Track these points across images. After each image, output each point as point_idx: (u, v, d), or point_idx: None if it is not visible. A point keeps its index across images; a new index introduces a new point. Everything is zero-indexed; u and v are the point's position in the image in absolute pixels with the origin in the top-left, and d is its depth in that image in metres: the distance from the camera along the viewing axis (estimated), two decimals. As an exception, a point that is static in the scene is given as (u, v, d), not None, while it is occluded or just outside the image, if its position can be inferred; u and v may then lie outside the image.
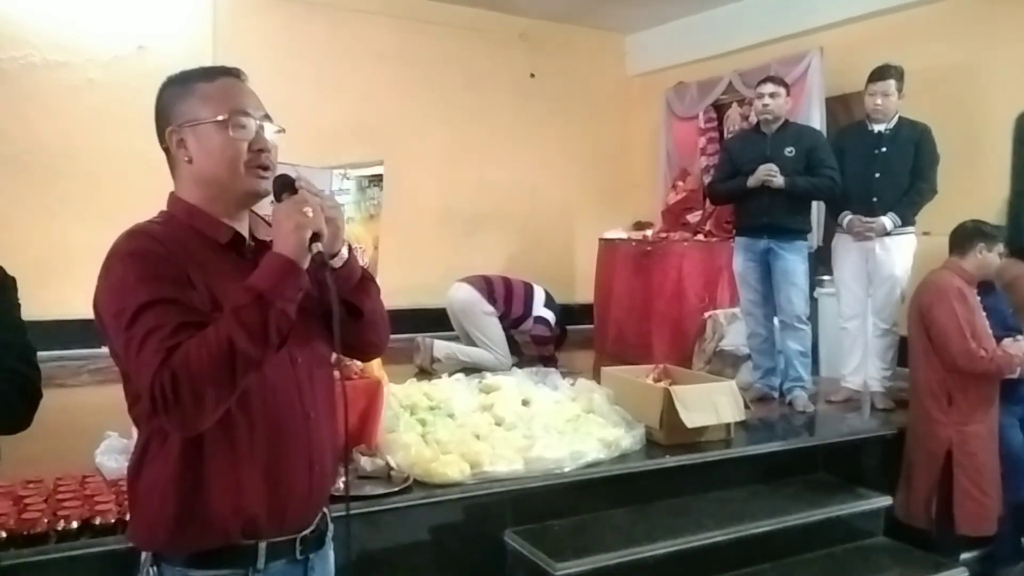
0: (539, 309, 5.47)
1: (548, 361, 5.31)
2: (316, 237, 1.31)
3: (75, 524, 2.31)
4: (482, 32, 7.12)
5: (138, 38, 5.90)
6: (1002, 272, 3.66)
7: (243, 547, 1.37)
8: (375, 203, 3.81)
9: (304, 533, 1.45)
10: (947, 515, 3.55)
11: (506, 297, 5.36)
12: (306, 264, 1.31)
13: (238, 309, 1.25)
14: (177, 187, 1.46)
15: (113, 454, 2.86)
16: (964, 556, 3.59)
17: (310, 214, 1.31)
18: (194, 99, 1.41)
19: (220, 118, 1.38)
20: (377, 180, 3.84)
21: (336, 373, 1.52)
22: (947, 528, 3.56)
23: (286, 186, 1.37)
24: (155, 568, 1.39)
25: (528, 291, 5.50)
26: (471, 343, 5.24)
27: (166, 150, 1.45)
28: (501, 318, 5.32)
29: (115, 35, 5.85)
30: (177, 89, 1.44)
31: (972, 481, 3.52)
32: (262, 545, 1.38)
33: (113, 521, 2.33)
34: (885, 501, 3.51)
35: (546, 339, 5.47)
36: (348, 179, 3.75)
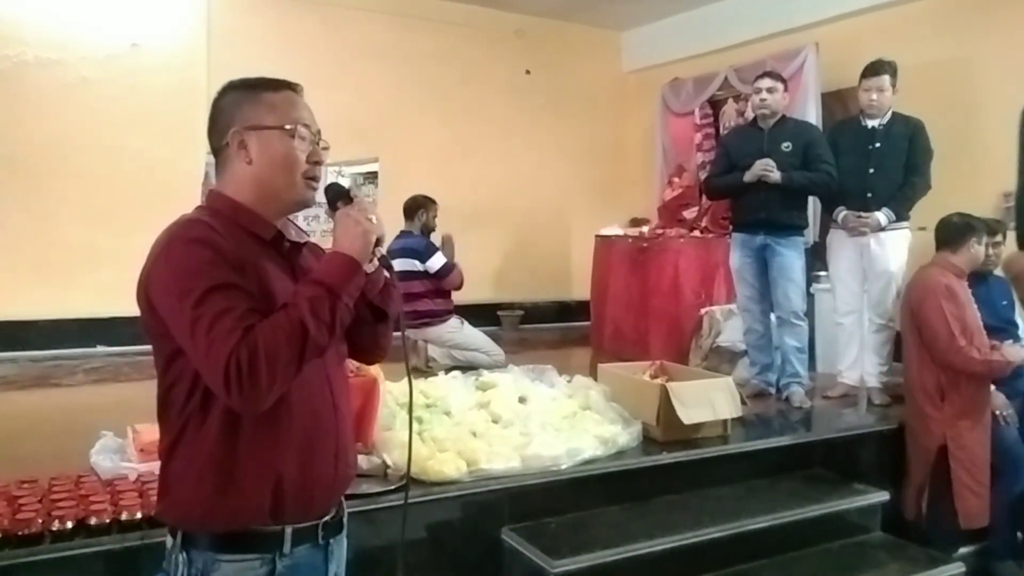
0: (431, 264, 5.14)
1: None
2: (379, 242, 1.45)
3: (70, 524, 2.29)
4: (477, 29, 7.12)
5: (132, 36, 5.89)
6: (1010, 264, 3.68)
7: (270, 532, 1.43)
8: (371, 200, 3.80)
9: (326, 519, 1.52)
10: (940, 509, 3.57)
11: (429, 299, 5.17)
12: (369, 267, 1.46)
13: (312, 299, 1.35)
14: (224, 184, 1.52)
15: (108, 454, 2.84)
16: (961, 551, 3.60)
17: (375, 220, 1.45)
18: (261, 106, 1.49)
19: (287, 127, 1.48)
20: (372, 177, 3.84)
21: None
22: (939, 522, 3.58)
23: (341, 195, 1.52)
24: (184, 555, 1.42)
25: (414, 274, 5.10)
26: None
27: (222, 148, 1.50)
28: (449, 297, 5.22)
29: (109, 33, 5.83)
30: (243, 93, 1.51)
31: (970, 475, 3.53)
32: (288, 530, 1.44)
33: (108, 521, 2.32)
34: (882, 497, 3.51)
35: (459, 284, 5.25)
36: (343, 176, 3.74)
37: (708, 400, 3.49)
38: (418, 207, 5.31)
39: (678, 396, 3.41)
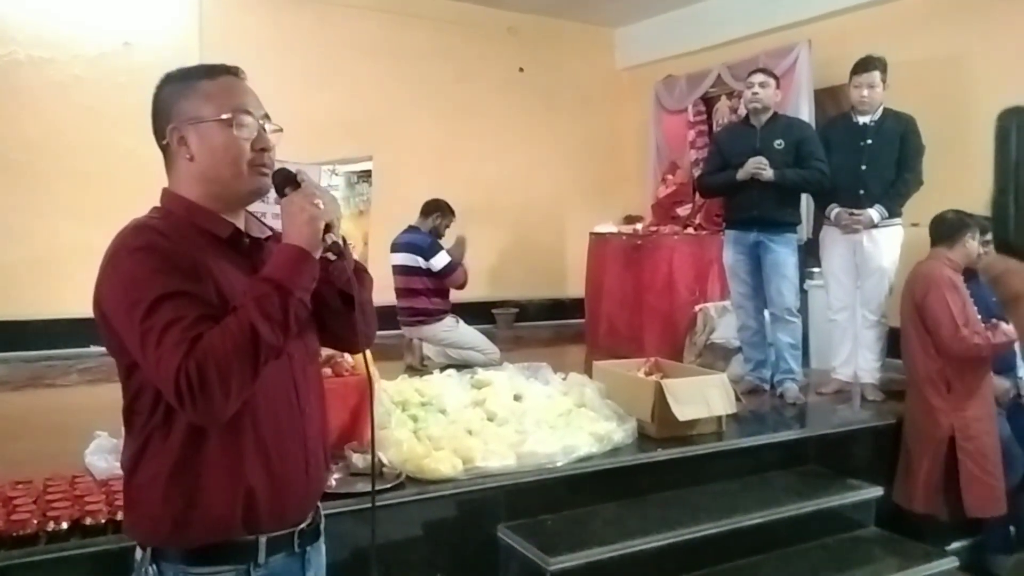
0: (434, 263, 5.12)
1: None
2: (328, 228, 1.35)
3: (65, 525, 2.29)
4: (470, 27, 7.11)
5: (124, 34, 5.86)
6: (989, 267, 3.71)
7: (244, 542, 1.38)
8: (364, 199, 3.79)
9: (302, 526, 1.47)
10: (951, 500, 3.58)
11: (427, 297, 5.16)
12: (319, 254, 1.35)
13: (259, 298, 1.28)
14: (173, 183, 1.46)
15: (103, 454, 2.84)
16: (954, 545, 3.62)
17: (322, 206, 1.35)
18: (196, 97, 1.41)
19: (224, 116, 1.39)
20: (366, 176, 3.82)
21: (327, 370, 1.55)
22: (951, 513, 3.60)
23: (288, 180, 1.40)
24: (154, 567, 1.38)
25: (414, 271, 5.14)
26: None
27: (164, 146, 1.44)
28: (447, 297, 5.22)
29: (101, 31, 5.81)
30: (178, 86, 1.44)
31: (977, 464, 3.55)
32: (263, 540, 1.39)
33: (103, 521, 2.32)
34: (876, 492, 3.53)
35: (461, 284, 5.24)
36: (337, 175, 3.73)
37: (703, 397, 3.51)
38: (436, 210, 5.34)
39: (673, 393, 3.42)
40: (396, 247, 5.20)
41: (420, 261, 5.12)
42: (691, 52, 6.94)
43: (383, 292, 1.91)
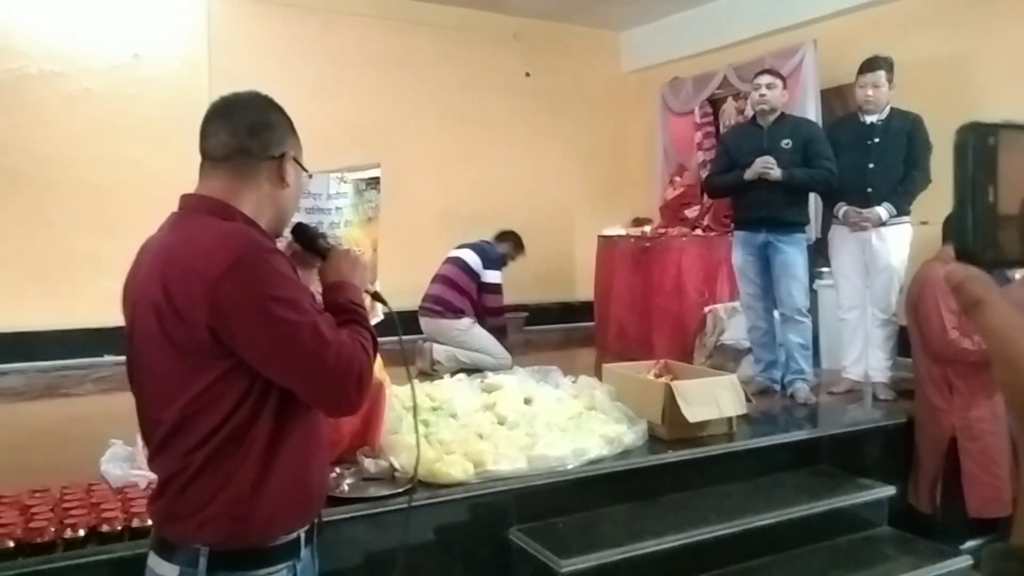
0: (487, 275, 5.34)
1: (500, 332, 5.32)
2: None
3: (82, 532, 2.32)
4: (476, 32, 7.13)
5: (133, 46, 5.91)
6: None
7: (293, 539, 1.47)
8: (372, 206, 3.81)
9: (318, 520, 1.59)
10: (953, 501, 3.57)
11: (460, 294, 5.27)
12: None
13: (363, 313, 1.55)
14: (243, 201, 1.46)
15: (118, 462, 2.86)
16: (968, 544, 3.60)
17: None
18: (296, 140, 1.58)
19: (307, 169, 1.62)
20: (374, 183, 3.84)
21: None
22: (953, 514, 3.58)
23: (319, 234, 1.71)
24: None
25: (466, 268, 5.32)
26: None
27: (263, 158, 1.48)
28: (475, 310, 5.31)
29: (110, 44, 5.86)
30: (288, 121, 1.57)
31: (979, 465, 3.54)
32: (302, 534, 1.49)
33: (120, 528, 2.34)
34: (888, 491, 3.52)
35: (496, 309, 5.40)
36: (345, 183, 3.75)
37: (713, 398, 3.51)
38: (511, 240, 5.67)
39: (683, 395, 3.42)
40: (466, 245, 5.45)
41: (479, 265, 5.33)
42: (697, 54, 6.94)
43: (402, 297, 1.96)
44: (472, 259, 5.34)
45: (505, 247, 5.59)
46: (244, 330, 1.33)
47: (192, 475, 1.38)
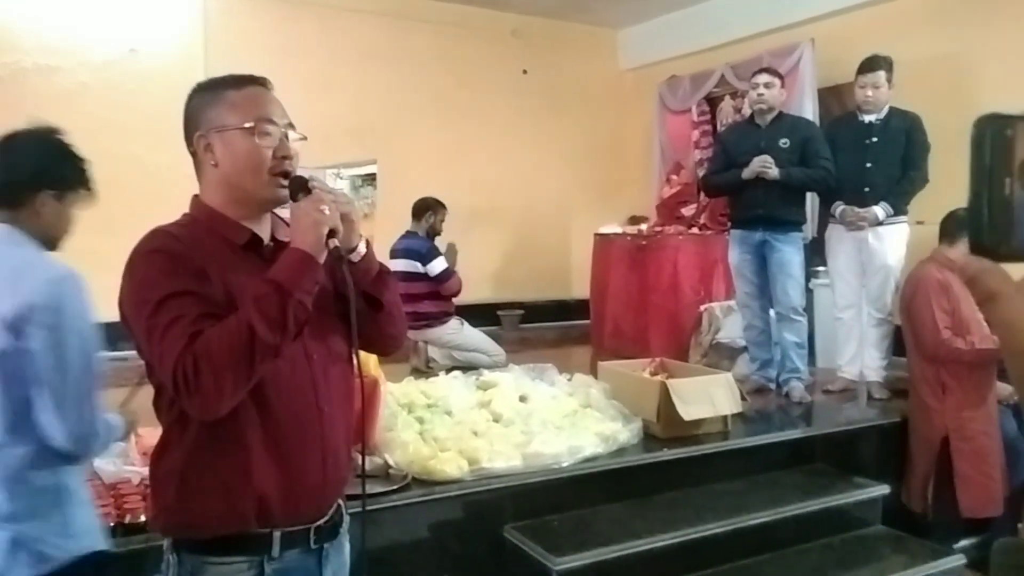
0: (432, 268, 5.14)
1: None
2: (332, 233, 1.39)
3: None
4: (473, 29, 7.12)
5: (130, 41, 5.89)
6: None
7: (258, 535, 1.42)
8: (369, 202, 3.82)
9: (319, 523, 1.50)
10: (945, 501, 3.58)
11: (429, 300, 5.16)
12: (323, 259, 1.39)
13: (258, 298, 1.32)
14: (201, 190, 1.52)
15: (111, 458, 2.85)
16: (962, 543, 3.61)
17: (327, 211, 1.39)
18: (223, 106, 1.47)
19: (247, 125, 1.44)
20: (370, 179, 3.85)
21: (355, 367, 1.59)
22: (945, 513, 3.59)
23: (301, 186, 1.44)
24: (175, 556, 1.44)
25: (413, 276, 5.10)
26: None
27: (193, 154, 1.51)
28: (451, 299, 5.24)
29: (106, 38, 5.84)
30: (206, 96, 1.50)
31: (972, 465, 3.55)
32: (276, 534, 1.43)
33: (112, 524, 2.33)
34: (882, 490, 3.52)
35: (457, 290, 5.24)
36: (341, 178, 3.76)
37: (708, 396, 3.51)
38: (426, 209, 5.33)
39: (678, 393, 3.42)
40: (395, 253, 5.21)
41: (419, 266, 5.14)
42: (694, 52, 6.94)
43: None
44: (411, 265, 5.12)
45: (426, 222, 5.29)
46: (126, 324, 1.41)
47: (152, 464, 1.49)
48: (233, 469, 1.39)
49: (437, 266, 5.14)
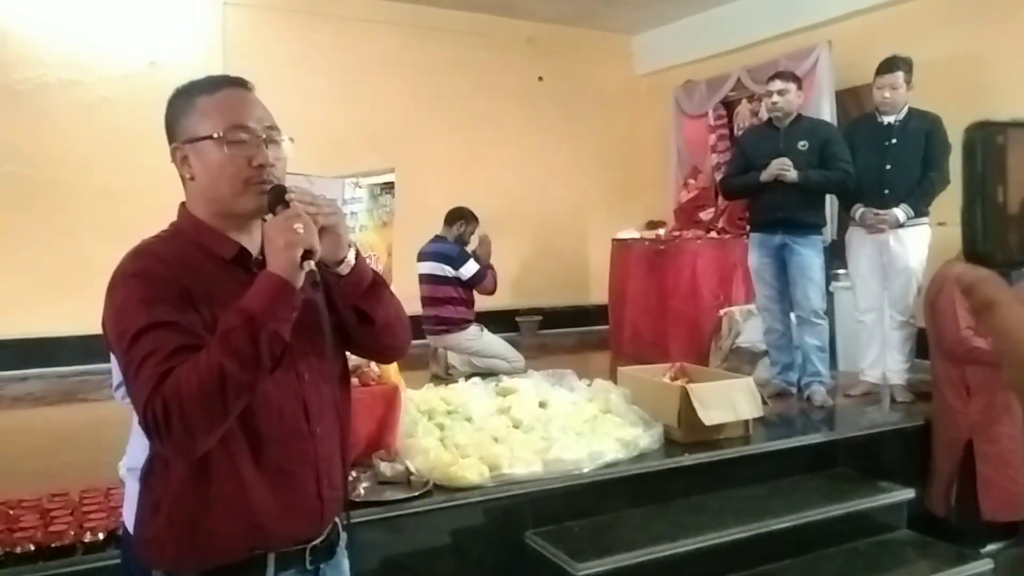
0: (464, 272, 5.18)
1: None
2: (308, 255, 1.26)
3: (101, 536, 2.34)
4: (489, 37, 7.16)
5: (149, 54, 5.97)
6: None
7: (252, 559, 1.36)
8: (387, 210, 3.84)
9: (314, 543, 1.43)
10: (968, 504, 3.53)
11: (454, 306, 5.18)
12: (300, 282, 1.27)
13: (228, 332, 1.21)
14: (187, 201, 1.44)
15: (136, 466, 2.89)
16: (989, 547, 3.57)
17: (300, 231, 1.26)
18: (194, 114, 1.37)
19: (216, 135, 1.34)
20: (389, 188, 3.87)
21: (354, 379, 1.52)
22: (968, 516, 3.54)
23: (279, 198, 1.32)
24: None
25: (442, 280, 5.17)
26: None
27: (175, 163, 1.42)
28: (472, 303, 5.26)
29: (127, 52, 5.93)
30: (181, 103, 1.41)
31: (995, 468, 3.50)
32: (271, 556, 1.37)
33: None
34: (907, 494, 3.48)
35: (493, 287, 5.30)
36: (360, 188, 3.78)
37: (729, 401, 3.49)
38: (459, 218, 5.40)
39: (699, 397, 3.41)
40: (423, 256, 5.25)
41: (448, 270, 5.18)
42: (710, 57, 6.93)
43: (407, 302, 1.93)
44: (440, 269, 5.17)
45: (457, 230, 5.35)
46: (110, 349, 1.35)
47: (141, 488, 1.41)
48: (223, 501, 1.31)
49: (468, 269, 5.19)
